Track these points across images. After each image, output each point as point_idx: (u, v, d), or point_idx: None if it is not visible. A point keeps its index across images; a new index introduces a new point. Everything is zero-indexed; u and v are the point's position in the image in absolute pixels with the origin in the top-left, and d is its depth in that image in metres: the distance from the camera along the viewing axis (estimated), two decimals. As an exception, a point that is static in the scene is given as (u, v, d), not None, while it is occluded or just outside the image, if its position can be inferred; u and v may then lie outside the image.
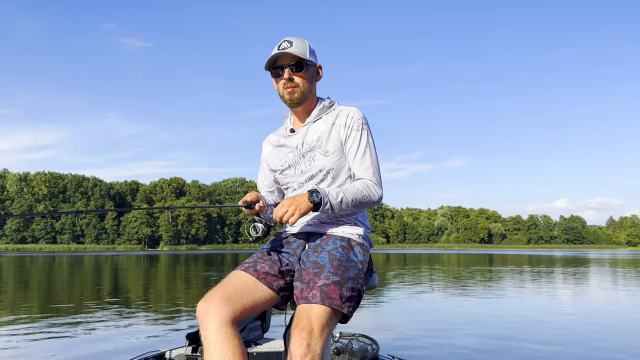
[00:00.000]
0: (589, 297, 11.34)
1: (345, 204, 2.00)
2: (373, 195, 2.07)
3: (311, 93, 2.16)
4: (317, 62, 2.19)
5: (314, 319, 1.75)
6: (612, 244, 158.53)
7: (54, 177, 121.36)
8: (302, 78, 2.11)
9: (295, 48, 2.08)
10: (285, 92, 2.12)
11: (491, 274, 20.07)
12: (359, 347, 3.00)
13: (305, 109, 2.18)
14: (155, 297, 11.22)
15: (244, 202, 2.09)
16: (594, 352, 5.38)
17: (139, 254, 71.56)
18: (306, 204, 1.94)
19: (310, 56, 2.13)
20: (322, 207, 1.96)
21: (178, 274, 20.57)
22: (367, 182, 2.07)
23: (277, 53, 2.08)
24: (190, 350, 3.14)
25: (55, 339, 6.15)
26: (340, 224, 2.10)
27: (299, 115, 2.21)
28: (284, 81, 2.11)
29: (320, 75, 2.22)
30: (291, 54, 2.07)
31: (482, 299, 10.75)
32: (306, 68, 2.12)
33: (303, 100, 2.13)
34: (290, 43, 2.10)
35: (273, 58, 2.11)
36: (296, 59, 2.09)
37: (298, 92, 2.11)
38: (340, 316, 1.88)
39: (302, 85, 2.11)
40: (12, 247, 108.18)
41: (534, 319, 7.84)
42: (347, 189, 2.02)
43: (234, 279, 1.97)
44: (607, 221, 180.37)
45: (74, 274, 21.02)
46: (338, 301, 1.82)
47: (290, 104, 2.15)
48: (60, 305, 9.63)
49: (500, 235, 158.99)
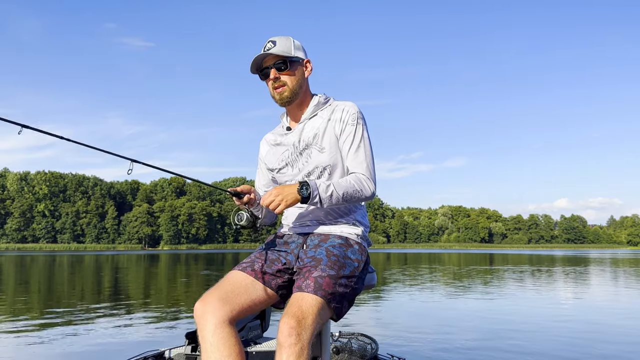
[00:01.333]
0: (589, 297, 11.33)
1: (336, 199, 1.97)
2: (365, 190, 2.03)
3: (302, 89, 2.14)
4: (305, 57, 2.16)
5: (305, 307, 1.74)
6: (613, 244, 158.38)
7: (54, 176, 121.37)
8: (288, 76, 2.10)
9: (278, 47, 2.07)
10: (275, 93, 2.12)
11: (492, 273, 20.06)
12: (358, 346, 3.00)
13: (300, 106, 2.17)
14: (155, 297, 11.22)
15: (233, 191, 2.08)
16: (594, 352, 5.38)
17: (139, 253, 71.59)
18: (294, 196, 1.93)
19: (295, 52, 2.11)
20: (311, 200, 1.94)
21: (178, 274, 20.57)
22: (360, 177, 2.03)
23: (260, 55, 2.08)
24: (190, 349, 3.13)
25: (54, 338, 6.15)
26: (339, 223, 2.10)
27: (294, 112, 2.20)
28: (272, 82, 2.11)
29: (310, 69, 2.18)
30: (272, 54, 2.06)
31: (482, 298, 10.74)
32: (292, 65, 2.10)
33: (293, 98, 2.12)
34: (274, 43, 2.08)
35: (258, 60, 2.10)
36: (280, 57, 2.08)
37: (287, 90, 2.10)
38: (332, 311, 1.86)
39: (290, 83, 2.10)
40: (13, 246, 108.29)
41: (534, 319, 7.83)
42: (338, 183, 1.99)
43: (231, 278, 1.96)
44: (608, 221, 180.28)
45: (74, 273, 21.04)
46: (330, 295, 1.81)
47: (281, 104, 2.14)
48: (60, 304, 9.63)
49: (501, 235, 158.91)
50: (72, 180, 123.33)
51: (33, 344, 5.78)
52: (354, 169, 2.07)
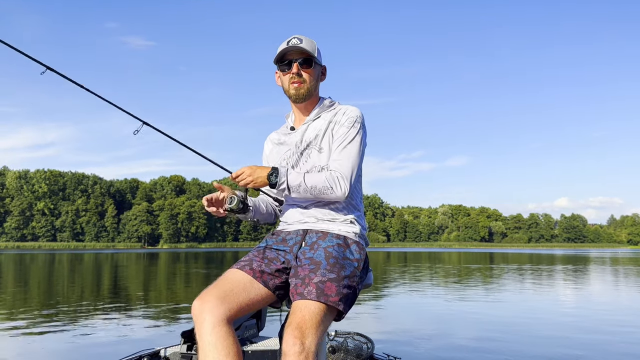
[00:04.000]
0: (589, 296, 11.31)
1: (304, 190, 1.99)
2: (336, 189, 2.00)
3: (315, 91, 2.19)
4: (322, 62, 2.23)
5: (308, 315, 1.74)
6: (613, 243, 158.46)
7: (53, 174, 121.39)
8: (309, 75, 2.13)
9: (305, 45, 2.12)
10: (292, 87, 2.14)
11: (491, 272, 20.05)
12: (354, 346, 2.99)
13: (307, 107, 2.20)
14: (153, 295, 11.20)
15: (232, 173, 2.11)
16: (595, 351, 5.36)
17: (138, 251, 71.62)
18: (262, 180, 2.00)
19: (317, 55, 2.17)
20: (278, 187, 2.00)
21: (177, 272, 20.56)
22: (335, 175, 2.02)
23: (288, 47, 2.11)
24: (185, 348, 3.12)
25: (51, 337, 6.13)
26: (337, 222, 2.09)
27: (300, 113, 2.23)
28: (291, 75, 2.12)
29: (325, 76, 2.26)
30: (301, 49, 2.10)
31: (480, 297, 10.73)
32: (314, 66, 2.15)
33: (308, 97, 2.16)
34: (300, 40, 2.13)
35: (282, 52, 2.12)
36: (306, 54, 2.12)
37: (305, 87, 2.13)
38: (335, 313, 1.87)
39: (309, 82, 2.14)
40: (12, 244, 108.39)
41: (532, 318, 7.81)
42: (310, 176, 2.01)
43: (230, 277, 1.96)
44: (609, 220, 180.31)
45: (74, 271, 21.03)
46: (334, 298, 1.81)
47: (295, 99, 2.16)
48: (58, 303, 9.61)
49: (501, 234, 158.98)
50: (72, 179, 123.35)
51: (32, 342, 5.77)
52: (332, 167, 2.06)
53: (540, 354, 5.18)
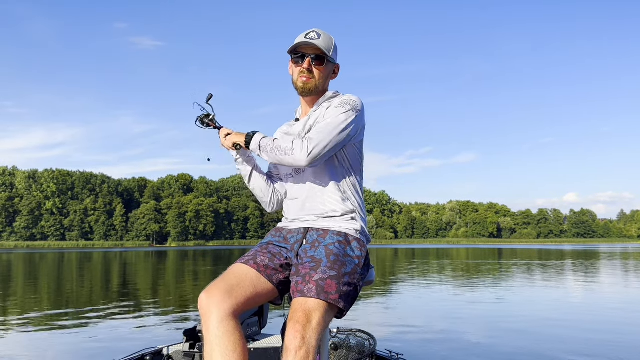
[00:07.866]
0: (599, 292, 11.22)
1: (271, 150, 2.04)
2: (296, 153, 1.97)
3: (323, 87, 2.20)
4: (336, 60, 2.23)
5: (309, 312, 1.76)
6: (624, 238, 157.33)
7: (62, 174, 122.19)
8: (320, 72, 2.14)
9: (321, 41, 2.11)
10: (300, 80, 2.15)
11: (499, 268, 19.96)
12: (357, 343, 2.98)
13: (314, 100, 2.21)
14: (160, 293, 11.24)
15: None
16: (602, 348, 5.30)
17: (147, 250, 72.04)
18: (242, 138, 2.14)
19: (332, 53, 2.16)
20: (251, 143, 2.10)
21: (186, 270, 20.64)
22: (302, 142, 1.97)
23: (303, 41, 2.11)
24: (188, 346, 3.10)
25: (57, 335, 6.16)
26: (338, 219, 2.08)
27: (306, 105, 2.24)
28: (302, 69, 2.13)
29: (337, 75, 2.26)
30: (316, 45, 2.09)
31: (486, 294, 10.67)
32: (326, 63, 2.15)
33: (314, 92, 2.17)
34: (318, 35, 2.13)
35: (297, 44, 2.13)
36: (319, 51, 2.12)
37: (312, 83, 2.14)
38: (336, 311, 1.87)
39: (318, 79, 2.14)
40: (22, 244, 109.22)
41: (538, 315, 7.76)
42: (277, 141, 2.04)
43: (236, 271, 1.97)
44: (618, 215, 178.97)
45: (82, 269, 21.17)
46: (334, 296, 1.82)
47: (301, 92, 2.18)
48: (67, 301, 9.67)
49: (510, 230, 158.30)
50: (80, 178, 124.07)
51: (40, 340, 5.80)
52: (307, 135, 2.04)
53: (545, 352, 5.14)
